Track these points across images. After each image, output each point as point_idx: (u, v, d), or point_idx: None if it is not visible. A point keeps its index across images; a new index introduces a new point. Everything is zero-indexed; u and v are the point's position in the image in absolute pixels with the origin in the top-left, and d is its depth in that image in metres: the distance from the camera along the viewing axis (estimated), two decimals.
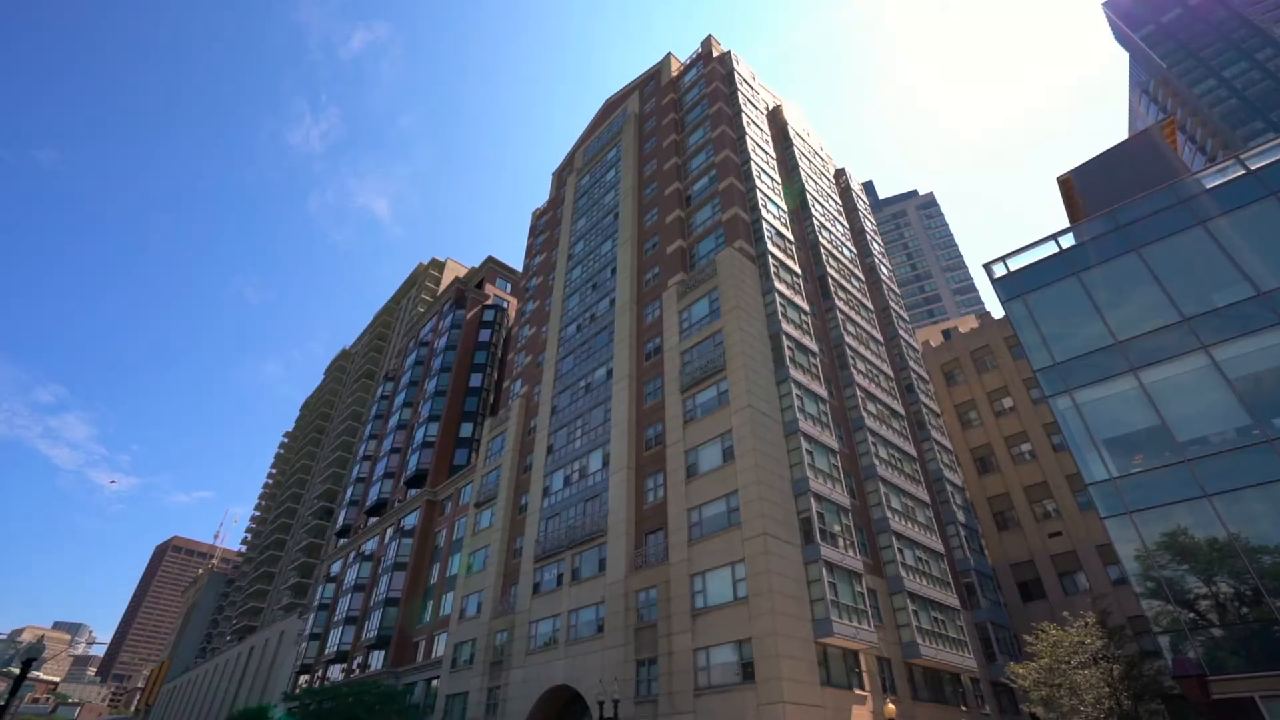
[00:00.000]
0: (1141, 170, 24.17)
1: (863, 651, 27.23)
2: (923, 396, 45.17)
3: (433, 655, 48.23)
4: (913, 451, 38.90)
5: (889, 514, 32.88)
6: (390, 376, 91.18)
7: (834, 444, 32.14)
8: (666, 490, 32.62)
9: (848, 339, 39.54)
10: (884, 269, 53.03)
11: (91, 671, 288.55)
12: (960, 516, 40.04)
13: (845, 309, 41.70)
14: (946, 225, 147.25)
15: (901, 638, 29.89)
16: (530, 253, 66.01)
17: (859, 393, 37.04)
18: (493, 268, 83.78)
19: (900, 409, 40.83)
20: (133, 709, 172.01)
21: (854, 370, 38.06)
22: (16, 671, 22.99)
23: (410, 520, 60.92)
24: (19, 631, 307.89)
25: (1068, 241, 22.21)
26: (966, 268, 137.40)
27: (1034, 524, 44.39)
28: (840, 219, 51.24)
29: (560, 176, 68.10)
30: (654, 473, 34.43)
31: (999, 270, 23.18)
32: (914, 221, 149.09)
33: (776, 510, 27.57)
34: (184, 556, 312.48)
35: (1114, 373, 18.79)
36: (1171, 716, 15.36)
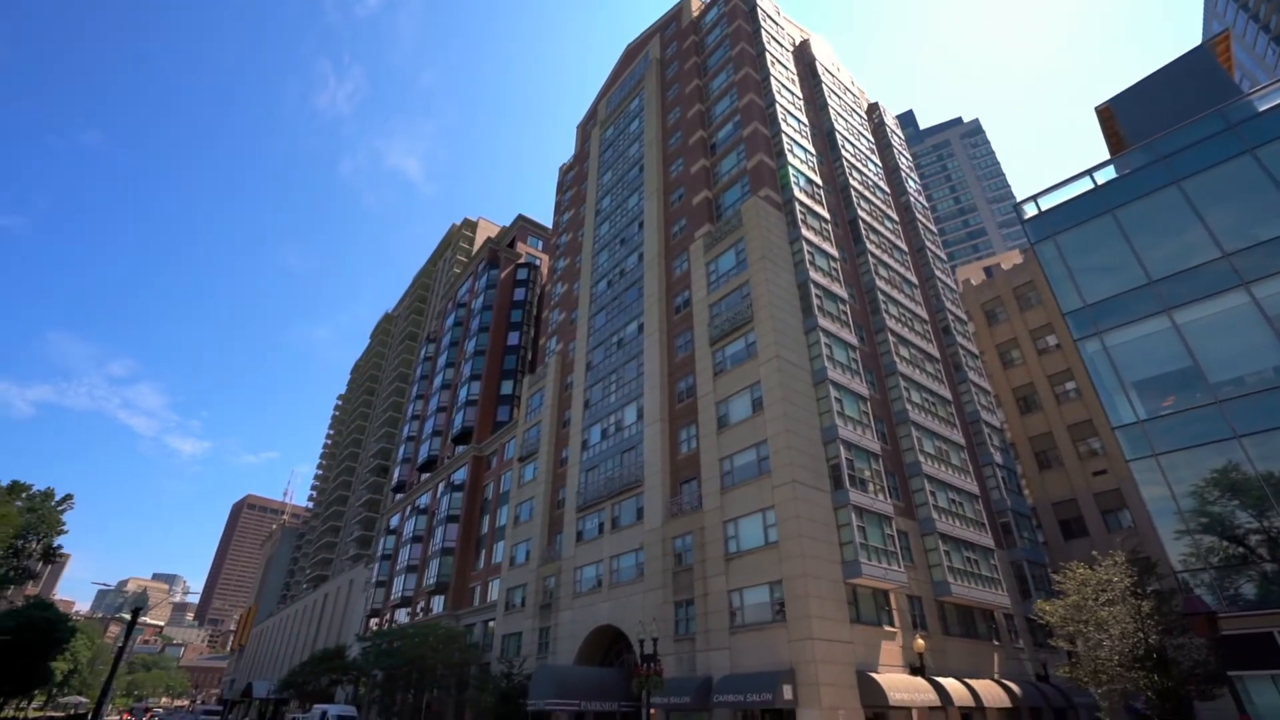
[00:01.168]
0: (1190, 95, 22.58)
1: (892, 591, 28.06)
2: (960, 338, 44.38)
3: (488, 599, 51.45)
4: (948, 395, 38.60)
5: (921, 458, 33.08)
6: (432, 338, 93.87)
7: (864, 390, 32.23)
8: (699, 441, 33.49)
9: (880, 284, 38.93)
10: (919, 207, 51.37)
11: (189, 616, 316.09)
12: (998, 458, 39.85)
13: (877, 253, 40.87)
14: (993, 154, 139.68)
15: (933, 577, 30.56)
16: (559, 209, 66.12)
17: (891, 338, 36.72)
18: (523, 226, 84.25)
19: (935, 352, 40.32)
20: (228, 649, 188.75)
21: (886, 315, 37.63)
22: (128, 618, 26.01)
23: (459, 475, 63.93)
24: (124, 582, 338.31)
25: (1104, 177, 21.30)
26: (1014, 198, 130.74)
27: (1077, 463, 43.77)
28: (873, 158, 49.53)
29: (584, 130, 67.27)
30: (687, 424, 35.26)
31: (1030, 210, 22.43)
32: (958, 152, 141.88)
33: (805, 458, 28.14)
34: (258, 513, 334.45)
35: (1146, 313, 18.32)
36: (1227, 650, 15.60)
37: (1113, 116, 25.41)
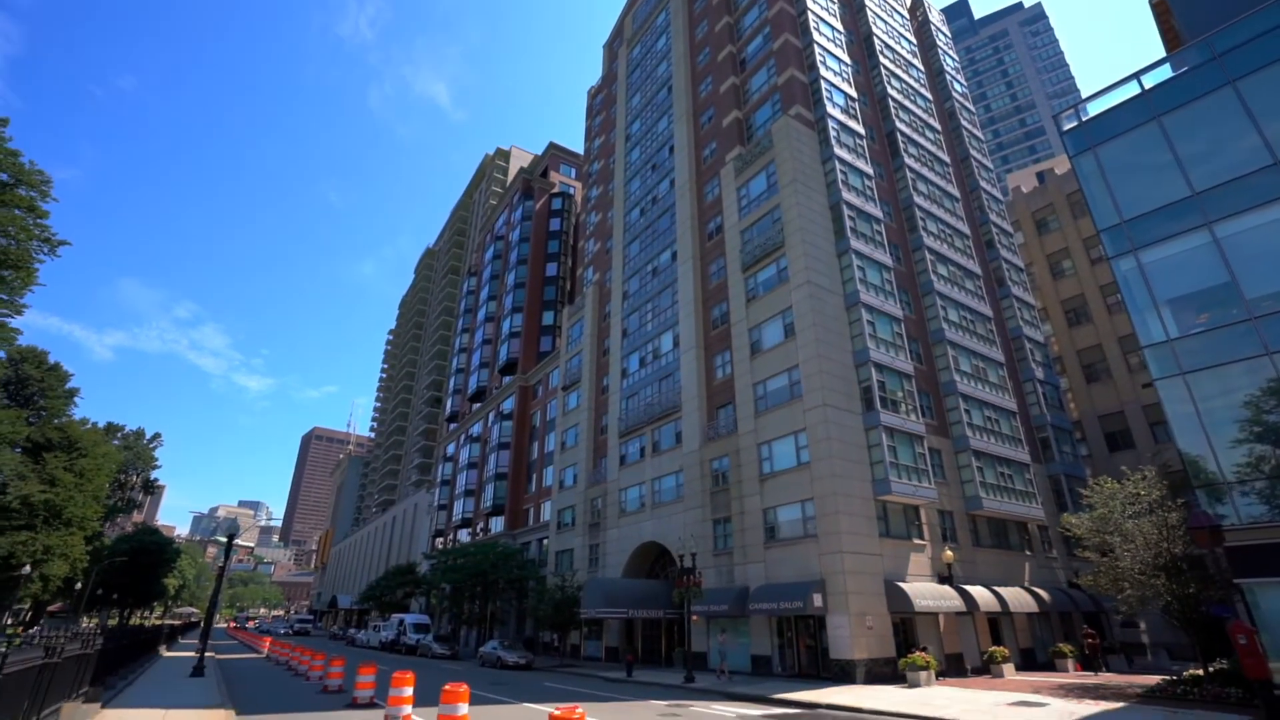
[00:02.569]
0: None
1: (922, 506, 28.93)
2: (1004, 252, 42.88)
3: (541, 519, 54.92)
4: (988, 312, 37.84)
5: (956, 377, 33.02)
6: (473, 271, 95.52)
7: (898, 312, 31.99)
8: (733, 367, 34.16)
9: (918, 199, 37.62)
10: (965, 113, 48.39)
11: (275, 538, 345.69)
12: (1039, 373, 39.32)
13: (916, 166, 39.21)
14: (1056, 43, 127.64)
15: (965, 492, 31.23)
16: (589, 135, 64.85)
17: (929, 256, 35.86)
18: (555, 154, 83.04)
19: (977, 268, 39.20)
20: (312, 566, 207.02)
21: (924, 233, 36.59)
22: (224, 540, 29.37)
23: (508, 405, 66.76)
24: (215, 509, 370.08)
25: (1154, 80, 19.82)
26: (1078, 91, 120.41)
27: (1126, 375, 42.70)
28: (915, 62, 46.49)
29: (611, 49, 64.73)
30: (721, 350, 35.88)
31: (1069, 121, 21.19)
32: (1016, 42, 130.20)
33: (836, 381, 28.57)
34: (325, 444, 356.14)
35: (1185, 228, 17.50)
36: (1232, 558, 15.95)
37: (1168, 11, 23.16)
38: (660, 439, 39.03)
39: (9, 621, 56.77)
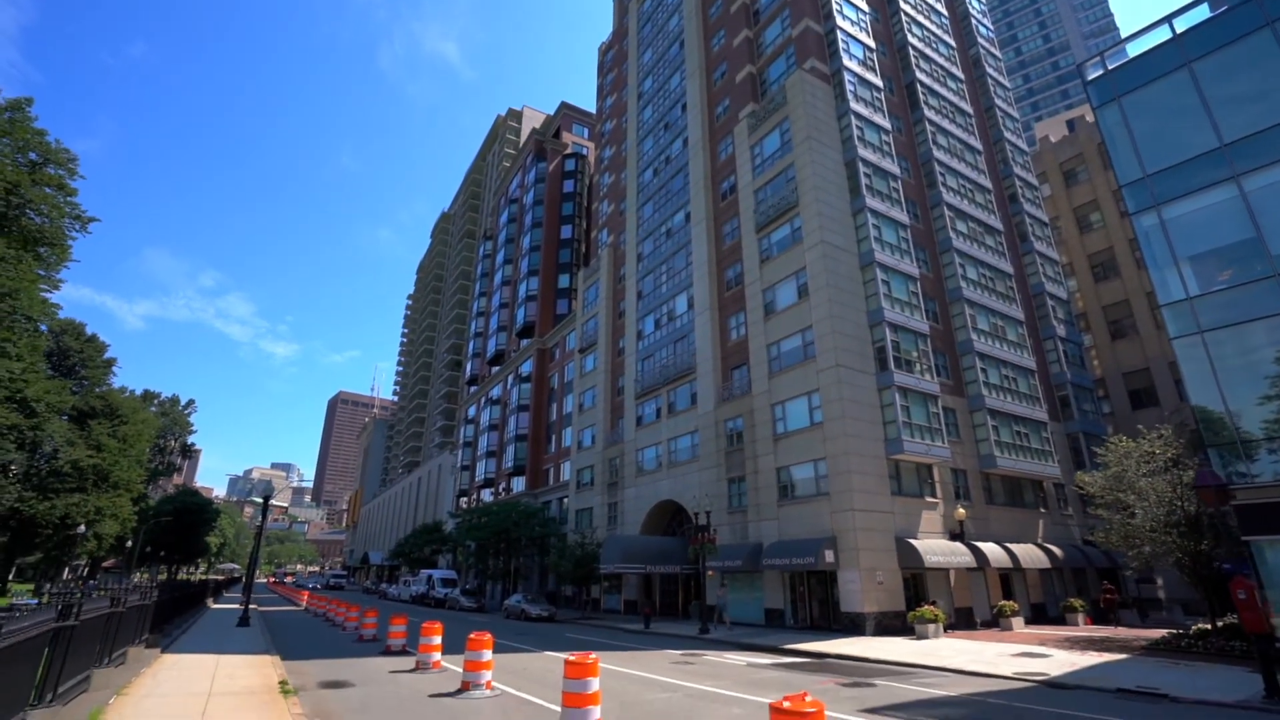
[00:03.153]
0: None
1: (935, 465, 29.22)
2: (1027, 206, 41.87)
3: (561, 479, 56.27)
4: (1008, 268, 37.24)
5: (974, 335, 32.81)
6: (488, 235, 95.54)
7: (914, 270, 31.67)
8: (747, 328, 34.29)
9: (938, 154, 36.70)
10: (991, 60, 46.59)
11: (307, 499, 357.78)
12: (1060, 330, 38.84)
13: (937, 119, 38.12)
14: None
15: (979, 451, 31.40)
16: (601, 93, 63.71)
17: (947, 212, 35.20)
18: (567, 114, 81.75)
19: (998, 224, 38.41)
20: (344, 525, 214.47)
21: (943, 188, 35.83)
22: (259, 500, 30.84)
23: (526, 367, 67.67)
24: (249, 471, 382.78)
25: (1187, 24, 18.96)
26: (1117, 30, 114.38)
27: (1153, 331, 41.90)
28: (938, 6, 44.62)
29: (621, 3, 62.94)
30: (736, 312, 35.95)
31: (1094, 70, 20.42)
32: None
33: (850, 342, 28.62)
34: (351, 407, 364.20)
35: (1211, 182, 17.02)
36: (1239, 516, 16.09)
37: None
38: (676, 400, 39.54)
39: (67, 576, 60.37)
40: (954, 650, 19.45)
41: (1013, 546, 29.31)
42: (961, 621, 27.26)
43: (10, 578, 46.70)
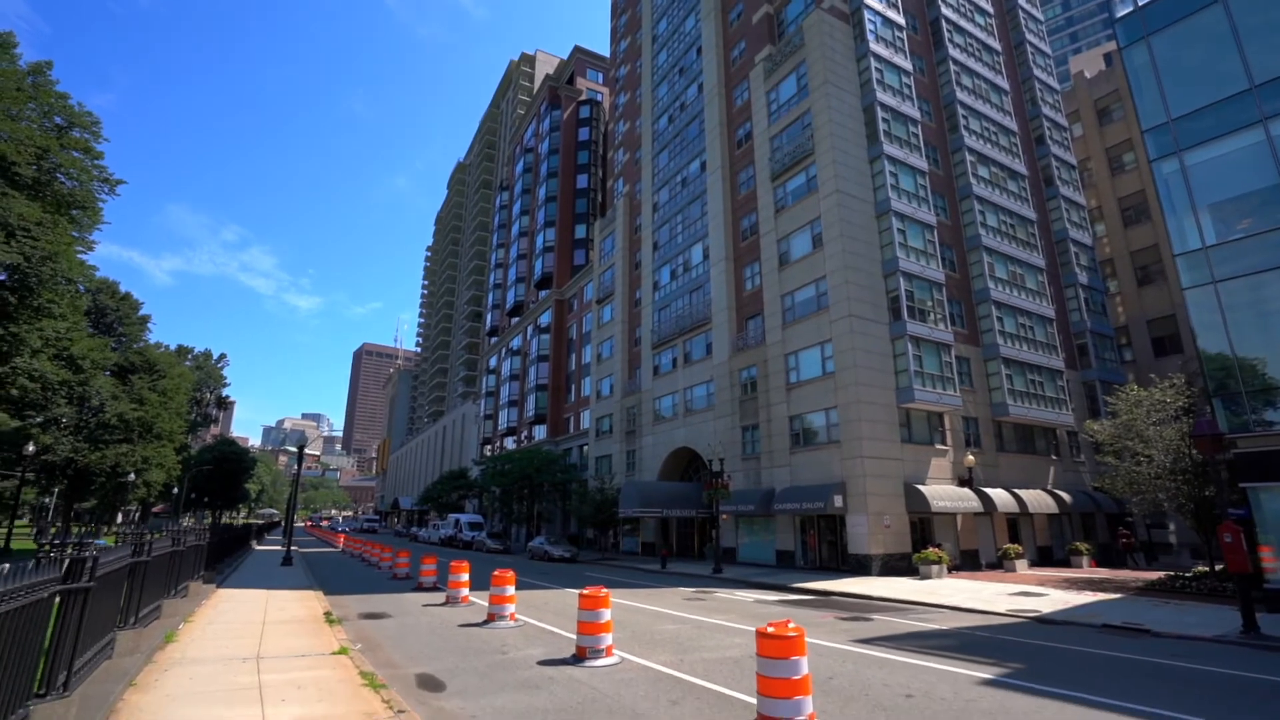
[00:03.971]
0: None
1: (946, 413, 29.62)
2: (1055, 148, 40.57)
3: (580, 427, 57.73)
4: (1031, 214, 36.50)
5: (991, 284, 32.58)
6: (504, 186, 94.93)
7: (931, 219, 31.28)
8: (762, 279, 34.39)
9: (961, 95, 35.54)
10: None
11: (338, 447, 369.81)
12: (1082, 278, 38.27)
13: (962, 58, 36.71)
14: None
15: (992, 399, 31.66)
16: (615, 36, 61.90)
17: (969, 157, 34.38)
18: (581, 58, 79.65)
19: (1022, 168, 37.42)
20: (374, 471, 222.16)
21: (965, 132, 34.87)
22: (293, 449, 32.55)
23: (545, 319, 68.47)
24: (281, 421, 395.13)
25: None
26: None
27: (1180, 277, 41.07)
28: None
29: None
30: (751, 262, 35.97)
31: (1123, 7, 19.58)
32: None
33: (863, 292, 28.70)
34: (376, 359, 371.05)
35: (1237, 126, 16.53)
36: (1237, 464, 16.44)
37: None
38: (691, 350, 40.10)
39: (120, 521, 64.36)
40: (954, 589, 20.38)
41: (1021, 492, 29.92)
42: (967, 563, 28.21)
43: (70, 522, 49.98)
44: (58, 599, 5.09)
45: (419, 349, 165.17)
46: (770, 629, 6.55)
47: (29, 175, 24.31)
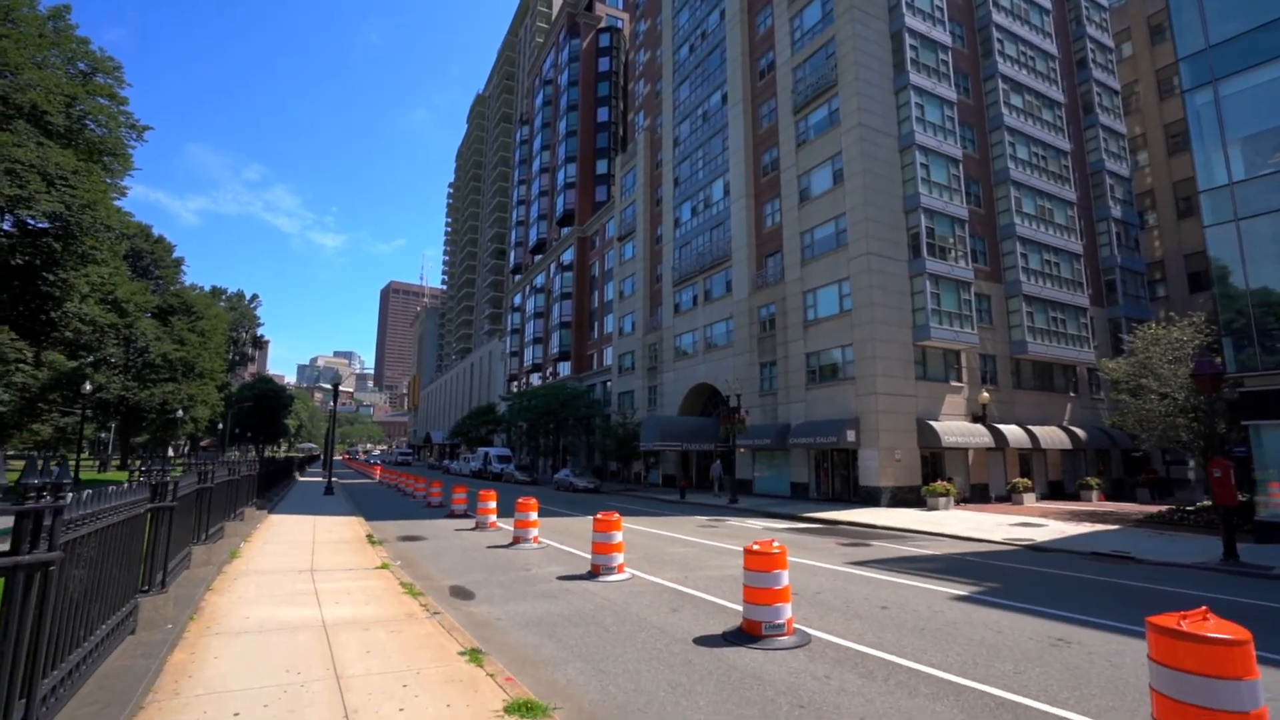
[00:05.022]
0: None
1: (963, 351, 29.78)
2: (1097, 72, 38.53)
3: (604, 364, 58.92)
4: (1065, 145, 35.17)
5: (1017, 219, 31.91)
6: (524, 120, 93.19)
7: (956, 152, 30.45)
8: (782, 215, 34.13)
9: (997, 16, 33.71)
10: None
11: (370, 384, 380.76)
12: (1116, 211, 37.13)
13: None
14: None
15: (1011, 336, 31.62)
16: None
17: (1002, 85, 32.98)
18: None
19: (1059, 95, 35.77)
20: (405, 407, 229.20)
21: (999, 58, 33.30)
22: (327, 386, 34.24)
23: (567, 256, 68.69)
24: (314, 359, 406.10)
25: None
26: None
27: None
28: None
29: None
30: (771, 198, 35.60)
31: None
32: None
33: (883, 229, 28.46)
34: (403, 296, 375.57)
35: (1274, 54, 15.82)
36: (1242, 402, 16.63)
37: None
38: (711, 287, 40.35)
39: (171, 454, 68.43)
40: (956, 520, 21.28)
41: (1035, 428, 30.32)
42: (976, 496, 29.04)
43: (127, 455, 53.51)
44: (149, 515, 6.10)
45: (445, 286, 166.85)
46: (755, 546, 7.39)
47: (60, 124, 25.02)
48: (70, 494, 3.44)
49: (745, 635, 7.23)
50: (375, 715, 4.56)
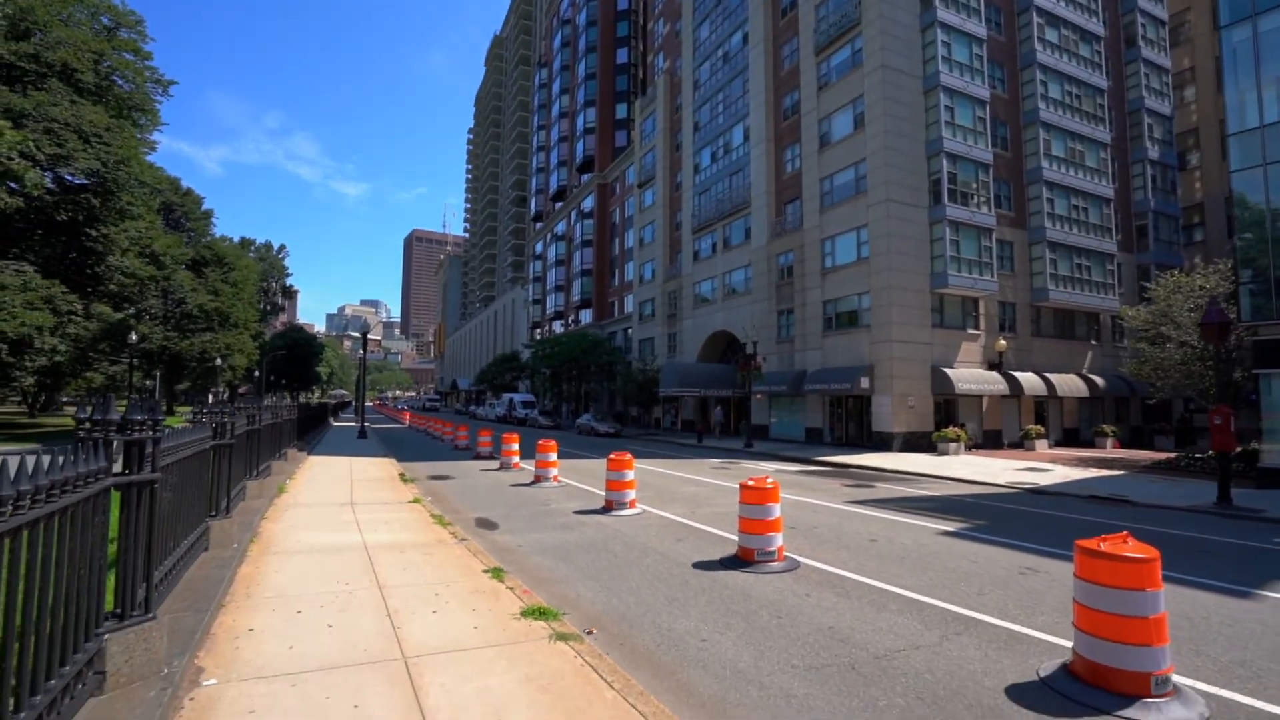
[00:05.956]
0: None
1: (981, 298, 29.64)
2: (1143, 1, 36.40)
3: (624, 311, 59.46)
4: (1102, 83, 33.71)
5: (1045, 162, 31.04)
6: (543, 62, 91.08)
7: (984, 93, 29.49)
8: (802, 161, 33.65)
9: None
10: None
11: (397, 332, 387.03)
12: (1153, 152, 35.79)
13: None
14: None
15: (1033, 284, 31.29)
16: None
17: (1036, 18, 31.51)
18: None
19: (1099, 28, 34.06)
20: (432, 355, 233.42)
21: None
22: (355, 335, 35.52)
23: (587, 203, 68.37)
24: (342, 308, 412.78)
25: None
26: None
27: None
28: None
29: None
30: (791, 144, 35.02)
31: None
32: None
33: (903, 175, 28.03)
34: (426, 245, 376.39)
35: None
36: (1255, 351, 16.61)
37: None
38: (731, 235, 40.26)
39: (211, 401, 71.62)
40: (964, 464, 21.85)
41: (1051, 376, 30.36)
42: (989, 442, 29.48)
43: (170, 402, 56.21)
44: (212, 451, 6.99)
45: (467, 234, 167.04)
46: (750, 482, 8.11)
47: (90, 81, 25.59)
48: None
49: (739, 561, 8.03)
50: (412, 615, 5.44)
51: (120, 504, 3.79)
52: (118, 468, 3.69)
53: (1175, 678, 4.53)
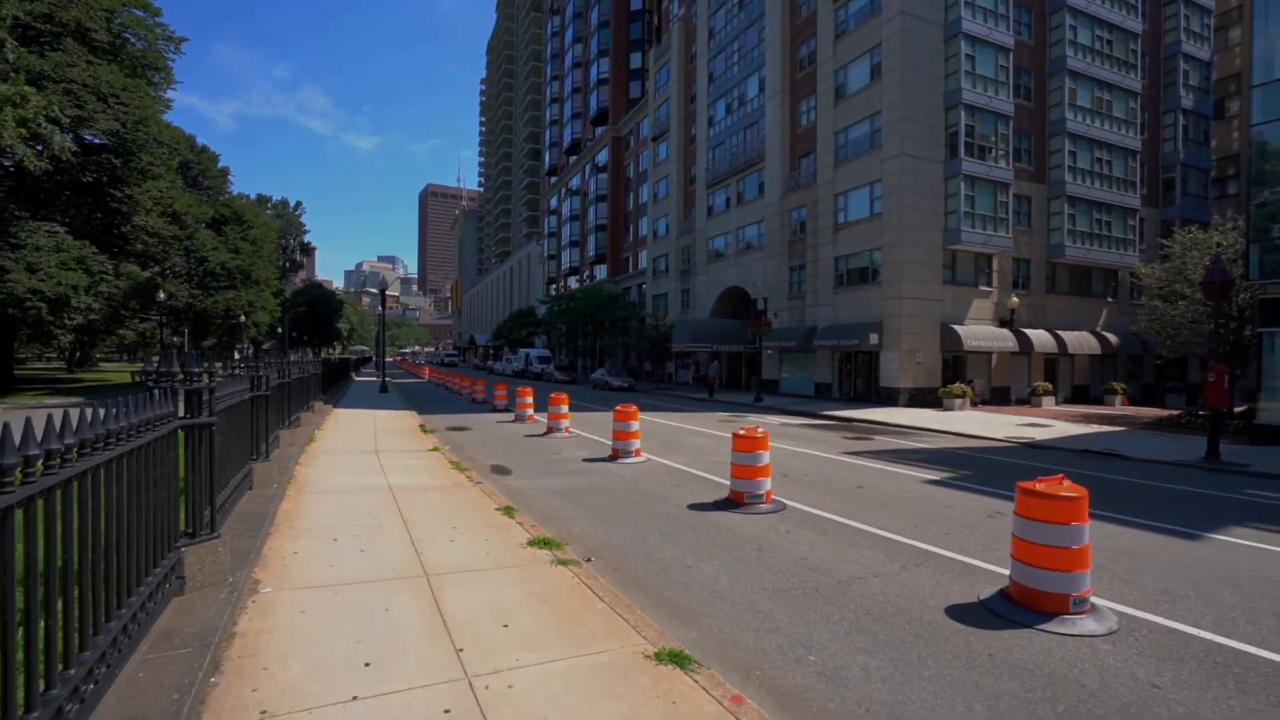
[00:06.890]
0: None
1: (996, 255, 29.46)
2: None
3: (639, 267, 59.60)
4: (1136, 26, 32.44)
5: (1069, 114, 30.26)
6: (555, 9, 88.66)
7: (1008, 40, 28.62)
8: (817, 114, 33.14)
9: None
10: None
11: (414, 288, 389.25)
12: (1187, 101, 34.62)
13: None
14: None
15: (1050, 240, 30.96)
16: None
17: None
18: None
19: None
20: (449, 310, 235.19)
21: None
22: (373, 291, 36.36)
23: (601, 157, 67.68)
24: (360, 264, 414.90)
25: None
26: None
27: None
28: None
29: None
30: (807, 95, 34.40)
31: None
32: None
33: (919, 128, 27.60)
34: (441, 200, 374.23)
35: None
36: (1261, 309, 16.63)
37: None
38: (744, 190, 40.00)
39: (237, 357, 73.71)
40: (968, 419, 22.31)
41: (1063, 333, 30.37)
42: (997, 399, 29.78)
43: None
44: (251, 401, 7.74)
45: (481, 189, 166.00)
46: (742, 431, 8.73)
47: (104, 40, 25.84)
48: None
49: (731, 503, 8.74)
50: (433, 543, 6.21)
51: (185, 443, 4.49)
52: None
53: (1097, 600, 5.15)
